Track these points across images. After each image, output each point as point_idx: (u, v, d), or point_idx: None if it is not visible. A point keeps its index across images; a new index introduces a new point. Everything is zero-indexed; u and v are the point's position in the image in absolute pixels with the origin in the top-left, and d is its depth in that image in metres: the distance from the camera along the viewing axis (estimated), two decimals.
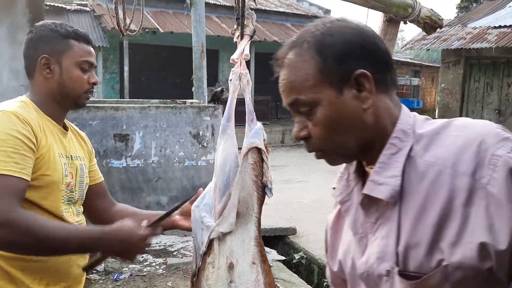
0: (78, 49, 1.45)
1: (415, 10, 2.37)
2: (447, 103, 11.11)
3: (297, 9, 16.49)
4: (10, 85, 3.98)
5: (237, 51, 1.64)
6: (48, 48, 1.42)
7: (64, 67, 1.43)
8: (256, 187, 1.57)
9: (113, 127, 4.85)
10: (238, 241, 1.53)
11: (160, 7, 13.15)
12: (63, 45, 1.43)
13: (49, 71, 1.42)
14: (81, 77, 1.45)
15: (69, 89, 1.44)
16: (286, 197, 7.51)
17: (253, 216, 1.58)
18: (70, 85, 1.44)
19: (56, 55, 1.42)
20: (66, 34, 1.44)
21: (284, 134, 14.09)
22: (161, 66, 13.74)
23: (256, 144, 1.57)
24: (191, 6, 6.68)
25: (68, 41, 1.44)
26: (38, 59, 1.41)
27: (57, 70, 1.42)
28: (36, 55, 1.42)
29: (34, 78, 1.44)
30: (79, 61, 1.44)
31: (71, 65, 1.43)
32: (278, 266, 4.70)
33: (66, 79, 1.43)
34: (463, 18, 11.76)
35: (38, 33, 1.44)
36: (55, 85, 1.43)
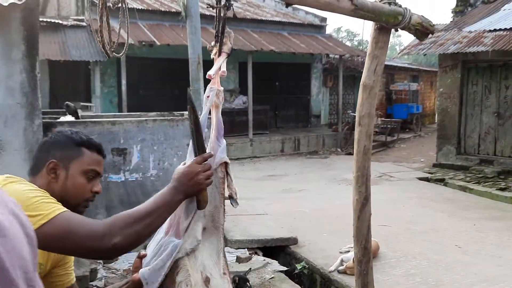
0: (87, 158, 1.47)
1: (405, 18, 2.36)
2: (446, 107, 11.10)
3: (293, 18, 16.56)
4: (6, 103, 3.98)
5: (214, 67, 1.67)
6: (59, 154, 1.45)
7: (70, 174, 1.44)
8: (223, 200, 1.62)
9: (111, 141, 4.85)
10: (207, 255, 1.57)
11: (156, 20, 13.21)
12: (74, 152, 1.46)
13: (54, 176, 1.44)
14: (85, 186, 1.47)
15: (70, 196, 1.44)
16: (287, 207, 7.48)
17: (219, 228, 1.62)
18: (72, 192, 1.45)
19: (65, 161, 1.44)
20: (80, 142, 1.47)
21: (284, 143, 14.07)
22: (158, 78, 13.77)
23: (226, 159, 1.63)
24: (186, 18, 6.70)
25: (80, 149, 1.47)
26: (46, 162, 1.44)
27: (62, 175, 1.44)
28: (45, 158, 1.44)
29: (37, 178, 1.45)
30: (86, 169, 1.46)
31: (77, 172, 1.45)
32: (280, 277, 4.66)
33: (70, 186, 1.44)
34: (459, 22, 11.79)
35: (53, 138, 1.49)
36: (57, 189, 1.43)
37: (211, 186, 1.54)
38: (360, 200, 2.64)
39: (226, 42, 1.71)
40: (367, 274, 2.84)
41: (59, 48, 11.10)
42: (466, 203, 7.82)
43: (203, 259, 1.54)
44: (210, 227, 1.59)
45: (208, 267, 1.55)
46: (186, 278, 1.47)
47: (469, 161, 10.66)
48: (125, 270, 4.46)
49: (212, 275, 1.54)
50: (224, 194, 1.63)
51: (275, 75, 16.02)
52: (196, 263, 1.52)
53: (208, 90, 1.65)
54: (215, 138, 1.65)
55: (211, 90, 1.64)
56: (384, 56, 2.46)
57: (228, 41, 1.71)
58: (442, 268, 4.92)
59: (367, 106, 2.53)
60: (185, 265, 1.48)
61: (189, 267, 1.49)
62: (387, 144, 15.15)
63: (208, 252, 1.57)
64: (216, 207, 1.60)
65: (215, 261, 1.58)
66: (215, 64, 1.68)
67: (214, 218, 1.60)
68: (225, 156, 1.64)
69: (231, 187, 1.65)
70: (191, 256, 1.51)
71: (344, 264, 4.80)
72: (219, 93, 1.66)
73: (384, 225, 6.26)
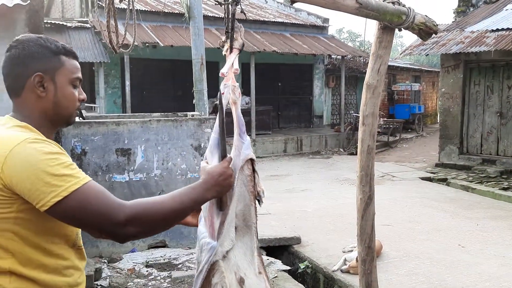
0: (69, 66, 1.38)
1: (409, 17, 2.38)
2: (448, 107, 11.10)
3: (295, 19, 16.58)
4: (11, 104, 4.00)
5: (226, 65, 1.65)
6: (41, 66, 1.33)
7: (58, 85, 1.36)
8: (253, 198, 1.59)
9: (115, 142, 4.88)
10: (241, 254, 1.55)
11: (159, 21, 13.24)
12: (55, 62, 1.36)
13: (43, 90, 1.34)
14: (74, 95, 1.40)
15: (62, 108, 1.38)
16: (290, 206, 7.50)
17: (252, 227, 1.59)
18: (65, 103, 1.38)
19: (50, 73, 1.34)
20: (57, 50, 1.37)
21: (286, 143, 14.09)
22: (162, 79, 13.81)
23: (251, 155, 1.60)
24: (190, 20, 6.73)
25: (59, 58, 1.37)
26: (28, 77, 1.32)
27: (51, 88, 1.35)
28: (26, 72, 1.32)
29: (22, 97, 1.34)
30: (71, 78, 1.38)
31: (65, 82, 1.37)
32: (283, 276, 4.68)
33: (61, 98, 1.36)
34: (461, 22, 11.80)
35: (26, 48, 1.33)
36: (49, 104, 1.35)
37: (240, 184, 1.53)
38: (364, 199, 2.66)
39: (237, 38, 1.69)
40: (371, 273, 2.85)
41: None
42: (469, 203, 7.82)
43: (237, 259, 1.52)
44: (242, 226, 1.56)
45: (242, 267, 1.52)
46: (221, 279, 1.46)
47: (471, 161, 10.65)
48: (129, 269, 4.48)
49: (246, 275, 1.52)
50: (253, 192, 1.58)
51: (278, 76, 16.04)
52: (230, 264, 1.50)
53: (222, 87, 1.62)
54: (237, 135, 1.60)
55: (225, 86, 1.61)
56: (388, 55, 2.47)
57: (239, 37, 1.69)
58: (445, 267, 4.93)
59: (371, 106, 2.54)
60: (220, 267, 1.47)
61: (223, 269, 1.47)
62: (389, 144, 15.15)
63: (241, 252, 1.54)
64: (247, 205, 1.57)
65: (249, 260, 1.55)
66: (227, 61, 1.66)
67: (246, 217, 1.57)
68: (251, 152, 1.60)
69: (259, 184, 1.61)
70: (225, 257, 1.50)
71: (347, 263, 4.81)
72: (234, 88, 1.62)
73: (387, 225, 6.27)
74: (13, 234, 1.23)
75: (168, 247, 5.05)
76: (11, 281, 1.24)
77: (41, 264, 1.27)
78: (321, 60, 16.93)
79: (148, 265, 4.63)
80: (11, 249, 1.23)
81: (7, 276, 1.24)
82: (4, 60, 1.36)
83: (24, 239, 1.24)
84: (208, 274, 1.47)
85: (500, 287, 4.45)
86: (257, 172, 1.62)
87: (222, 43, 1.71)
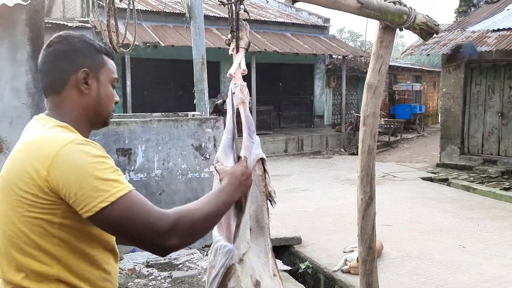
0: (110, 66, 1.37)
1: (410, 17, 2.37)
2: (449, 108, 11.09)
3: (296, 19, 16.57)
4: (12, 104, 4.01)
5: (233, 65, 1.63)
6: (87, 62, 1.30)
7: (101, 84, 1.33)
8: (265, 198, 1.57)
9: (116, 142, 4.87)
10: (255, 256, 1.52)
11: (160, 21, 13.24)
12: (100, 60, 1.33)
13: (87, 87, 1.30)
14: (113, 95, 1.38)
15: (104, 108, 1.35)
16: (291, 206, 7.50)
17: (265, 228, 1.57)
18: (106, 102, 1.35)
19: (94, 70, 1.31)
20: (100, 49, 1.35)
21: (287, 143, 14.09)
22: (163, 79, 13.81)
23: (262, 155, 1.58)
24: (191, 19, 6.73)
25: (102, 56, 1.35)
26: (74, 73, 1.28)
27: (95, 86, 1.31)
28: (71, 68, 1.28)
29: (63, 94, 1.29)
30: (111, 78, 1.37)
31: (107, 82, 1.35)
32: (284, 277, 4.67)
33: (103, 96, 1.33)
34: (462, 22, 11.78)
35: (72, 44, 1.30)
36: (92, 102, 1.31)
37: (252, 185, 1.48)
38: (364, 200, 2.65)
39: (243, 36, 1.66)
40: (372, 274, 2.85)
41: None
42: (470, 203, 7.81)
43: (251, 262, 1.49)
44: (255, 227, 1.53)
45: (257, 270, 1.50)
46: (237, 283, 1.43)
47: (472, 161, 10.64)
48: (130, 269, 4.48)
49: (262, 277, 1.49)
50: (265, 192, 1.56)
51: (279, 76, 16.04)
52: (245, 267, 1.47)
53: (233, 86, 1.60)
54: (247, 135, 1.59)
55: (236, 86, 1.60)
56: (389, 55, 2.47)
57: (245, 36, 1.66)
58: (446, 268, 4.92)
59: (372, 106, 2.54)
60: (236, 270, 1.44)
61: (239, 272, 1.44)
62: (390, 144, 15.14)
63: (255, 254, 1.51)
64: (259, 206, 1.54)
65: (263, 262, 1.53)
66: (235, 61, 1.64)
67: (258, 217, 1.54)
68: (261, 151, 1.58)
69: (270, 184, 1.58)
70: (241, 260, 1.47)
71: (348, 263, 4.80)
72: (243, 88, 1.61)
73: (387, 225, 6.26)
74: (59, 240, 1.18)
75: None
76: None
77: (85, 271, 1.24)
78: (322, 60, 16.92)
79: (148, 265, 4.62)
80: (58, 255, 1.19)
81: (55, 284, 1.20)
82: (44, 55, 1.32)
83: (68, 245, 1.19)
84: (224, 278, 1.43)
85: (502, 287, 4.44)
86: (268, 171, 1.60)
87: (228, 41, 1.69)
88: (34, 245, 1.17)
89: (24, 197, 1.15)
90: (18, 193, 1.16)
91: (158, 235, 1.13)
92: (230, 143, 1.52)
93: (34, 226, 1.16)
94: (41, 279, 1.18)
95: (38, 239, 1.16)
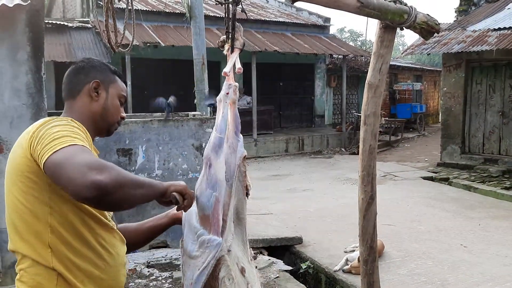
0: (120, 84, 1.65)
1: (411, 16, 2.36)
2: (450, 107, 11.07)
3: (296, 19, 16.56)
4: (12, 104, 4.00)
5: (228, 64, 1.68)
6: (100, 76, 1.59)
7: (110, 95, 1.60)
8: (245, 193, 1.70)
9: (116, 142, 4.87)
10: (236, 246, 1.63)
11: (161, 21, 13.24)
12: (111, 77, 1.62)
13: (96, 95, 1.57)
14: (119, 108, 1.63)
15: (109, 115, 1.59)
16: (291, 206, 7.49)
17: (243, 220, 1.69)
18: (111, 111, 1.60)
19: (105, 83, 1.60)
20: (114, 71, 1.65)
21: (288, 143, 14.07)
22: (163, 79, 13.80)
23: (245, 152, 1.69)
24: (191, 19, 6.73)
25: (114, 75, 1.64)
26: (87, 83, 1.56)
27: (104, 95, 1.59)
28: (86, 79, 1.57)
29: (77, 99, 1.57)
30: (120, 94, 1.63)
31: (115, 95, 1.61)
32: (285, 277, 4.67)
33: (110, 105, 1.59)
34: (463, 21, 11.77)
35: (90, 63, 1.62)
36: (99, 108, 1.57)
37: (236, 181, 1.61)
38: (366, 199, 2.64)
39: (238, 37, 1.71)
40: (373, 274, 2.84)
41: (65, 50, 11.15)
42: (471, 203, 7.80)
43: (235, 251, 1.61)
44: (235, 219, 1.65)
45: (241, 258, 1.62)
46: (228, 272, 1.53)
47: (473, 160, 10.63)
48: (131, 270, 4.48)
49: (244, 264, 1.62)
50: (247, 188, 1.69)
51: (279, 76, 16.03)
52: (232, 257, 1.58)
53: (227, 87, 1.67)
54: (233, 133, 1.67)
55: (229, 87, 1.67)
56: (390, 55, 2.46)
57: (239, 36, 1.71)
58: (447, 267, 4.91)
59: (373, 105, 2.53)
60: (225, 261, 1.54)
61: (228, 262, 1.54)
62: (391, 144, 15.12)
63: (236, 244, 1.63)
64: (240, 200, 1.67)
65: (242, 250, 1.66)
66: (229, 61, 1.69)
67: (238, 210, 1.67)
68: (244, 149, 1.69)
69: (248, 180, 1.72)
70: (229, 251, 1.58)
71: (349, 263, 4.80)
72: (235, 88, 1.68)
73: (388, 225, 6.26)
74: (50, 209, 1.36)
75: (169, 247, 5.04)
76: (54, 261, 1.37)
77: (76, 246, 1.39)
78: (323, 60, 16.91)
79: (149, 265, 4.62)
80: (51, 224, 1.37)
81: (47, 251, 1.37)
82: (68, 71, 1.64)
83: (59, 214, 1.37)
84: (215, 268, 1.52)
85: (503, 287, 4.43)
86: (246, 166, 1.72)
87: (221, 43, 1.72)
88: (29, 212, 1.37)
89: (18, 169, 1.37)
90: (15, 167, 1.38)
91: (88, 168, 1.20)
92: (221, 142, 1.60)
93: (27, 195, 1.37)
94: (36, 246, 1.37)
95: (31, 206, 1.37)
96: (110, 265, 1.45)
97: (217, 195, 1.55)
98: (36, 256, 1.37)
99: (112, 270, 1.46)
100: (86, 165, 1.21)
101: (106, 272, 1.44)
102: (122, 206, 1.32)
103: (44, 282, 1.37)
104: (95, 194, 1.18)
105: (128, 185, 1.26)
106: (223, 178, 1.57)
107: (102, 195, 1.19)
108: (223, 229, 1.55)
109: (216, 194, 1.55)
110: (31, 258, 1.37)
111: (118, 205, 1.29)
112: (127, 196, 1.27)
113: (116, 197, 1.23)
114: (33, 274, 1.37)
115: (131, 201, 1.30)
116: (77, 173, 1.19)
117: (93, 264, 1.41)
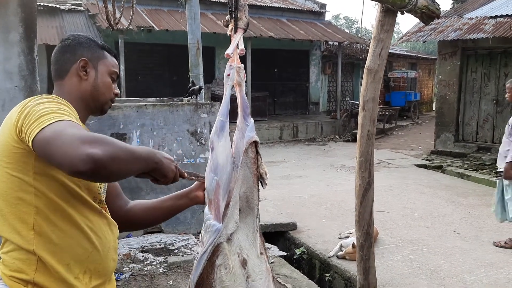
0: (110, 60, 1.57)
1: (412, 0, 2.33)
2: (445, 95, 11.08)
3: (292, 4, 16.42)
4: (4, 86, 3.93)
5: (231, 45, 1.62)
6: (87, 53, 1.52)
7: (99, 72, 1.52)
8: (256, 180, 1.62)
9: (110, 126, 4.82)
10: (244, 236, 1.58)
11: (154, 5, 13.08)
12: (99, 54, 1.54)
13: (85, 74, 1.50)
14: (111, 85, 1.56)
15: (100, 94, 1.52)
16: (286, 193, 7.50)
17: (254, 209, 1.62)
18: (102, 89, 1.52)
19: (94, 61, 1.52)
20: (102, 46, 1.57)
21: (282, 130, 14.06)
22: (157, 64, 13.69)
23: (255, 138, 1.61)
24: (186, 3, 6.64)
25: (103, 51, 1.55)
26: (75, 62, 1.50)
27: (93, 74, 1.51)
28: (73, 58, 1.50)
29: (65, 80, 1.50)
30: (111, 70, 1.55)
31: (105, 72, 1.54)
32: (280, 262, 4.68)
33: (100, 84, 1.52)
34: (459, 9, 11.72)
35: (76, 40, 1.54)
36: (89, 87, 1.50)
37: (244, 167, 1.55)
38: (363, 185, 2.63)
39: (241, 16, 1.64)
40: (369, 259, 2.85)
41: (57, 33, 10.98)
42: (464, 190, 7.85)
43: (240, 241, 1.55)
44: (245, 208, 1.58)
45: (245, 249, 1.56)
46: (225, 261, 1.50)
47: (467, 148, 10.68)
48: (125, 254, 4.47)
49: (249, 256, 1.56)
50: (257, 175, 1.62)
51: (274, 62, 15.94)
52: (233, 246, 1.53)
53: (228, 68, 1.60)
54: (241, 117, 1.61)
55: (230, 68, 1.60)
56: (390, 39, 2.43)
57: (243, 16, 1.64)
58: (440, 254, 4.95)
59: (372, 91, 2.51)
60: (224, 249, 1.51)
61: (227, 251, 1.51)
62: (385, 132, 15.15)
63: (244, 234, 1.57)
64: (250, 188, 1.60)
65: (251, 242, 1.59)
66: (232, 42, 1.62)
67: (249, 198, 1.60)
68: (254, 134, 1.61)
69: (262, 167, 1.63)
70: (229, 239, 1.53)
71: (343, 249, 4.82)
72: (239, 70, 1.61)
73: (382, 211, 6.28)
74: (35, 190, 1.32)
75: (164, 233, 5.03)
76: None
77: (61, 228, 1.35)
78: (318, 47, 16.82)
79: (144, 250, 4.61)
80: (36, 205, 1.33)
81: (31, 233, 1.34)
82: (55, 49, 1.55)
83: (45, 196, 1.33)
84: (212, 255, 1.49)
85: (495, 273, 4.48)
86: (260, 154, 1.63)
87: (226, 22, 1.66)
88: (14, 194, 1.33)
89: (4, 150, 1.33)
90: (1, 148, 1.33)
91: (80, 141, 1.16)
92: (223, 125, 1.55)
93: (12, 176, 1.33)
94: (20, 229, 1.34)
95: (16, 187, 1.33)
96: (97, 248, 1.42)
97: (218, 179, 1.51)
98: (18, 240, 1.34)
99: (100, 253, 1.42)
100: (78, 139, 1.15)
101: (94, 255, 1.41)
102: (117, 179, 1.30)
103: (24, 266, 1.34)
104: (90, 167, 1.13)
105: (123, 157, 1.21)
106: (223, 162, 1.52)
107: (97, 168, 1.14)
108: (224, 215, 1.51)
109: (217, 179, 1.51)
110: (13, 242, 1.35)
111: (113, 177, 1.28)
112: (122, 168, 1.22)
113: (111, 170, 1.18)
114: (14, 258, 1.35)
115: (126, 174, 1.26)
116: (69, 148, 1.15)
117: (80, 246, 1.38)
